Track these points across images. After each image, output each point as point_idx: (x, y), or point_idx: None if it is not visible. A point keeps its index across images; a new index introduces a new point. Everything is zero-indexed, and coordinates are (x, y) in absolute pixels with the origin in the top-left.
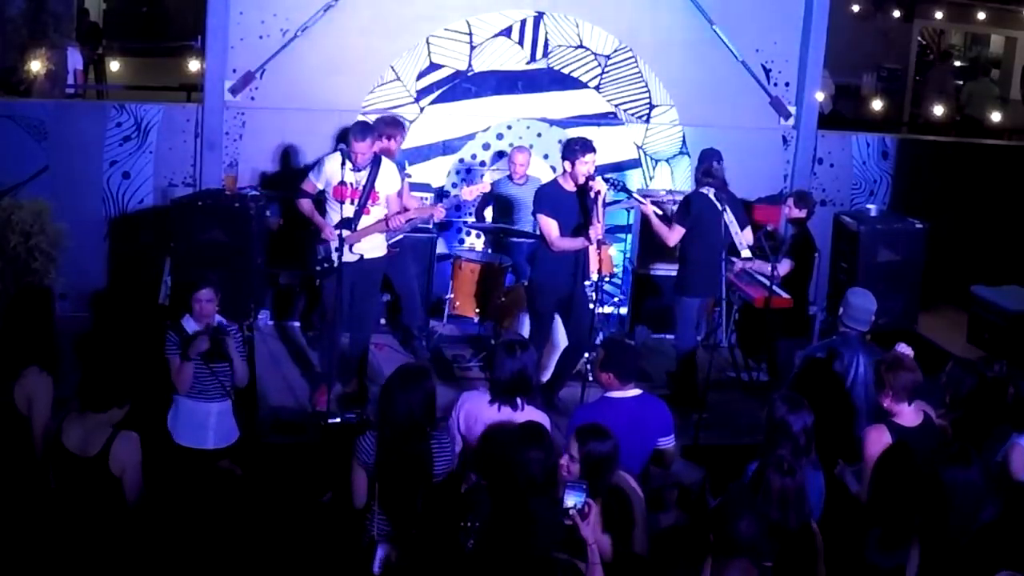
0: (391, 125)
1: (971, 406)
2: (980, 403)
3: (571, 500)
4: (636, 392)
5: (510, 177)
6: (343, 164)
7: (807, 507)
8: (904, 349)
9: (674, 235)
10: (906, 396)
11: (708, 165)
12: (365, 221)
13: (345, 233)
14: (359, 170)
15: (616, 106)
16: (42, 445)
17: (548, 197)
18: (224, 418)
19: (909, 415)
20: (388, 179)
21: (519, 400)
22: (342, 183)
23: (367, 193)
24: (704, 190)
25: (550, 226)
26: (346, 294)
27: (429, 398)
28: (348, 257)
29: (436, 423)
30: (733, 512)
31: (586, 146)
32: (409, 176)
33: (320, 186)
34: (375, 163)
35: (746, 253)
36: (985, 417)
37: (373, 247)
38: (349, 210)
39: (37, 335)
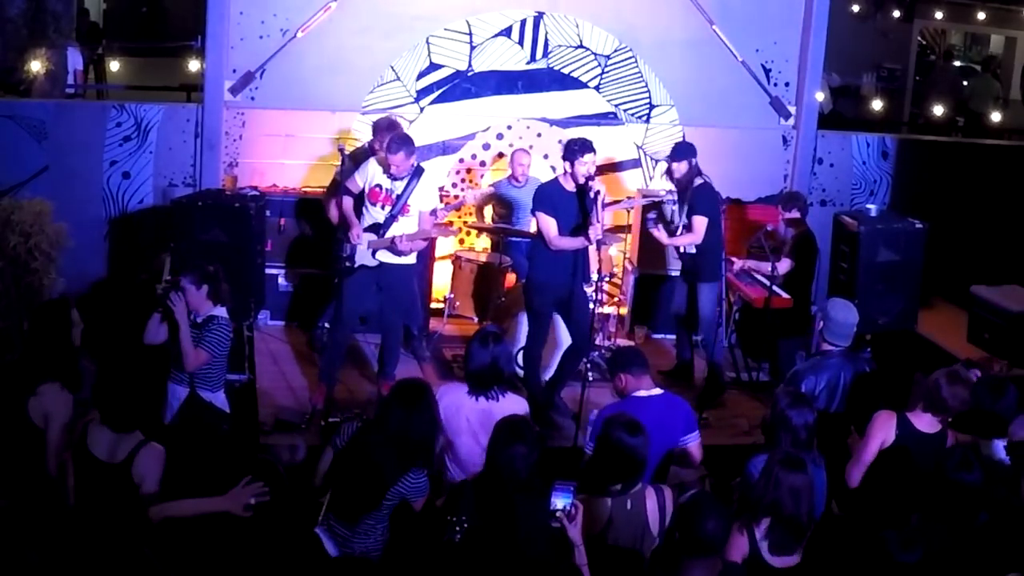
0: (385, 130)
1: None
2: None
3: (560, 502)
4: (659, 391)
5: (511, 179)
6: (383, 169)
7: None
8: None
9: (700, 229)
10: (925, 407)
11: (694, 158)
12: (394, 230)
13: (372, 237)
14: (396, 179)
15: (616, 106)
16: (55, 462)
17: (547, 196)
18: (176, 403)
19: (926, 420)
20: (424, 195)
21: (496, 390)
22: (378, 186)
23: (400, 204)
24: (703, 179)
25: (548, 225)
26: (358, 297)
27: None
28: (370, 262)
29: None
30: (700, 512)
31: (585, 146)
32: None
33: (361, 184)
34: (415, 175)
35: None
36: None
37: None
38: (380, 215)
39: (57, 351)
